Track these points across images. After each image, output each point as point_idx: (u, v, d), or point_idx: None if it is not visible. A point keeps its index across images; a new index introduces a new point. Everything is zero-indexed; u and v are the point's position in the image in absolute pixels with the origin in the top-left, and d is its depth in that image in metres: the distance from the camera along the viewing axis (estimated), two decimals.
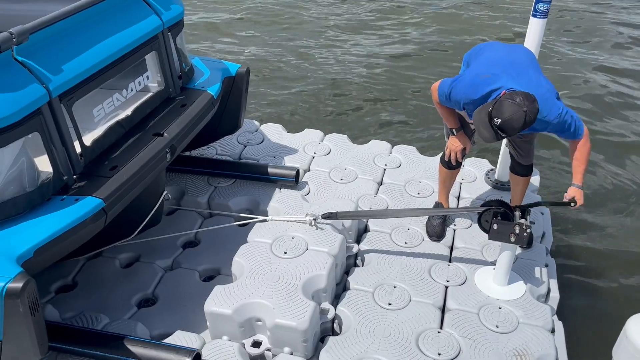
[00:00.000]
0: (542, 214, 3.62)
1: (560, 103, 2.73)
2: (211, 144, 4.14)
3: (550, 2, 3.22)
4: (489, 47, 2.99)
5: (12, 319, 2.08)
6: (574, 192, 2.86)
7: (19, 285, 2.02)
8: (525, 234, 2.78)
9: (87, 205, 2.43)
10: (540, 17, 3.25)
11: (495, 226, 2.85)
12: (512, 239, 2.81)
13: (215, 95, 3.40)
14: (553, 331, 2.84)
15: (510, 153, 3.28)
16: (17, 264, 2.11)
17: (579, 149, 2.81)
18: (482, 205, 3.04)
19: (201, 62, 3.72)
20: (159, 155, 2.84)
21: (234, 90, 3.66)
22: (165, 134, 2.94)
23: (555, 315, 3.01)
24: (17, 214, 2.33)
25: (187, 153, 4.03)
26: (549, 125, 2.73)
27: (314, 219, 3.12)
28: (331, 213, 3.13)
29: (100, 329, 2.69)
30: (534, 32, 3.30)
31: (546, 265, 3.25)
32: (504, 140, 3.56)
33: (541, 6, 3.21)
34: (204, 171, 3.79)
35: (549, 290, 3.13)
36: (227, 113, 3.72)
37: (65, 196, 2.46)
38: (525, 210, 2.91)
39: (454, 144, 3.10)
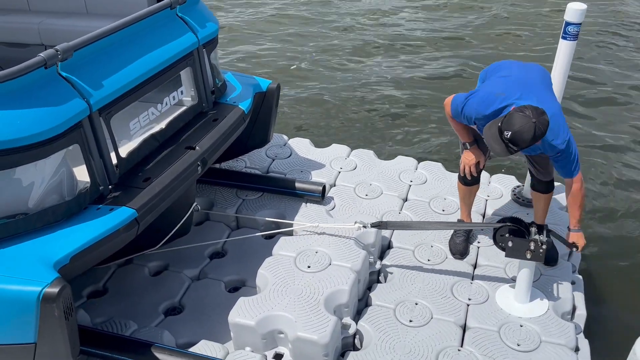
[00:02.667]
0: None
1: (567, 129, 2.77)
2: (240, 157, 4.24)
3: (580, 24, 3.23)
4: (505, 65, 3.05)
5: (46, 322, 2.16)
6: (574, 238, 2.96)
7: (56, 290, 2.11)
8: (541, 251, 2.79)
9: (121, 215, 2.53)
10: (570, 40, 3.26)
11: (510, 243, 2.87)
12: (529, 256, 2.82)
13: (246, 110, 3.49)
14: (577, 350, 2.81)
15: (529, 170, 3.29)
16: (54, 270, 2.21)
17: (575, 195, 2.88)
18: (498, 222, 3.05)
19: (233, 78, 3.83)
20: (191, 168, 2.93)
21: (265, 105, 3.75)
22: (197, 148, 3.04)
23: (582, 334, 2.98)
24: (56, 222, 2.43)
25: (217, 165, 4.14)
26: (554, 149, 2.76)
27: (363, 226, 3.17)
28: (380, 222, 3.18)
29: (129, 335, 2.78)
30: (564, 54, 3.31)
31: (573, 283, 3.23)
32: None
33: (571, 29, 3.22)
34: (233, 184, 3.89)
35: (575, 308, 3.10)
36: (256, 127, 3.82)
37: (100, 205, 2.56)
38: (542, 226, 2.92)
39: (467, 158, 3.14)
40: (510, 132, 2.57)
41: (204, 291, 3.19)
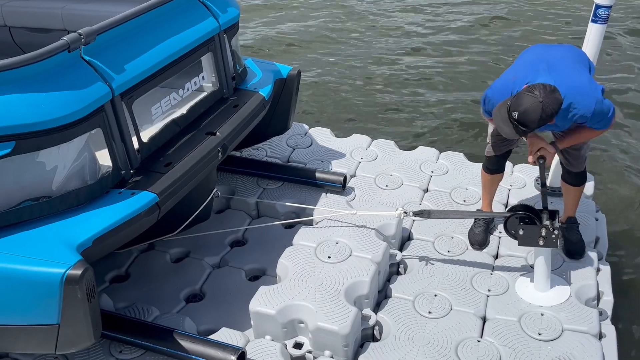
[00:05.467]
0: (597, 219, 3.56)
1: (598, 95, 2.65)
2: (261, 146, 4.25)
3: (610, 7, 3.16)
4: (529, 50, 2.99)
5: (69, 304, 2.19)
6: (547, 150, 2.82)
7: (79, 272, 2.14)
8: (553, 236, 2.76)
9: (142, 199, 2.55)
10: (600, 23, 3.20)
11: (521, 231, 2.84)
12: (541, 243, 2.80)
13: (266, 96, 3.49)
14: (602, 336, 2.79)
15: (559, 161, 3.23)
16: (77, 252, 2.24)
17: (589, 132, 2.76)
18: (508, 211, 3.01)
19: (254, 64, 3.83)
20: (211, 154, 2.95)
21: (285, 91, 3.75)
22: (217, 133, 3.05)
23: (609, 320, 2.95)
24: (79, 205, 2.47)
25: (238, 154, 4.16)
26: (575, 116, 2.67)
27: (405, 213, 3.13)
28: (423, 211, 3.13)
29: (151, 321, 2.83)
30: (594, 37, 3.25)
31: (598, 270, 3.19)
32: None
33: (602, 12, 3.16)
34: (254, 172, 3.90)
35: (601, 295, 3.07)
36: (276, 114, 3.81)
37: (122, 190, 2.59)
38: (554, 212, 2.87)
39: (533, 145, 2.92)
40: (517, 113, 2.53)
41: (225, 279, 3.22)
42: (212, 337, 2.73)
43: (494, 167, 3.20)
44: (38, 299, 2.21)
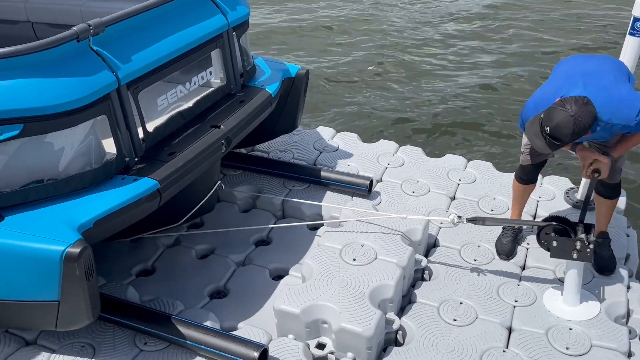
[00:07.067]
0: (628, 235, 3.49)
1: (638, 104, 2.58)
2: (288, 148, 4.27)
3: None
4: (565, 62, 2.95)
5: (68, 281, 2.28)
6: (601, 158, 2.72)
7: (77, 250, 2.23)
8: (588, 250, 2.71)
9: (144, 185, 2.62)
10: (638, 36, 3.15)
11: (554, 243, 2.79)
12: (575, 256, 2.75)
13: (273, 93, 3.54)
14: (630, 355, 2.73)
15: None
16: (77, 232, 2.33)
17: (636, 140, 2.71)
18: (543, 221, 2.96)
19: (263, 62, 3.89)
20: (215, 146, 3.00)
21: (293, 90, 3.80)
22: (222, 126, 3.10)
23: (638, 339, 2.89)
24: (83, 188, 2.55)
25: (266, 155, 4.19)
26: (614, 127, 2.62)
27: (458, 217, 3.06)
28: (477, 217, 3.07)
29: (177, 315, 2.85)
30: (630, 50, 3.21)
31: (629, 287, 3.13)
32: None
33: None
34: (281, 173, 3.92)
35: (630, 312, 3.01)
36: (285, 112, 3.86)
37: (125, 176, 2.66)
38: (590, 226, 2.82)
39: (584, 157, 2.84)
40: (549, 127, 2.51)
41: (249, 277, 3.23)
42: (235, 333, 2.74)
43: (527, 177, 3.17)
44: (40, 275, 2.31)
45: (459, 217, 3.05)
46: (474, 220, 3.03)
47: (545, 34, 8.39)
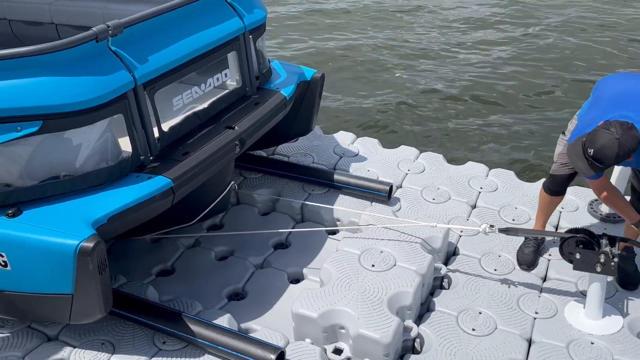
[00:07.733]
0: None
1: None
2: (308, 153, 4.28)
3: None
4: (607, 81, 2.89)
5: (82, 275, 2.33)
6: None
7: (91, 244, 2.28)
8: (612, 264, 2.67)
9: (158, 183, 2.66)
10: None
11: (578, 255, 2.75)
12: (599, 269, 2.70)
13: (288, 96, 3.56)
14: None
15: (632, 186, 3.11)
16: (91, 227, 2.37)
17: None
18: (567, 232, 2.91)
19: (280, 65, 3.92)
20: (229, 146, 3.03)
21: (308, 94, 3.83)
22: (236, 127, 3.13)
23: None
24: (98, 185, 2.60)
25: (286, 159, 4.20)
26: None
27: (490, 227, 3.01)
28: (510, 228, 3.03)
29: (195, 315, 2.86)
30: None
31: None
32: (618, 171, 3.41)
33: None
34: (300, 177, 3.92)
35: None
36: (299, 116, 3.89)
37: (140, 174, 2.71)
38: (614, 239, 2.78)
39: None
40: (592, 150, 2.50)
41: (267, 280, 3.24)
42: (252, 335, 2.74)
43: (557, 189, 3.12)
44: (55, 268, 2.35)
45: (491, 226, 3.02)
46: (506, 231, 3.00)
47: (590, 48, 8.19)
